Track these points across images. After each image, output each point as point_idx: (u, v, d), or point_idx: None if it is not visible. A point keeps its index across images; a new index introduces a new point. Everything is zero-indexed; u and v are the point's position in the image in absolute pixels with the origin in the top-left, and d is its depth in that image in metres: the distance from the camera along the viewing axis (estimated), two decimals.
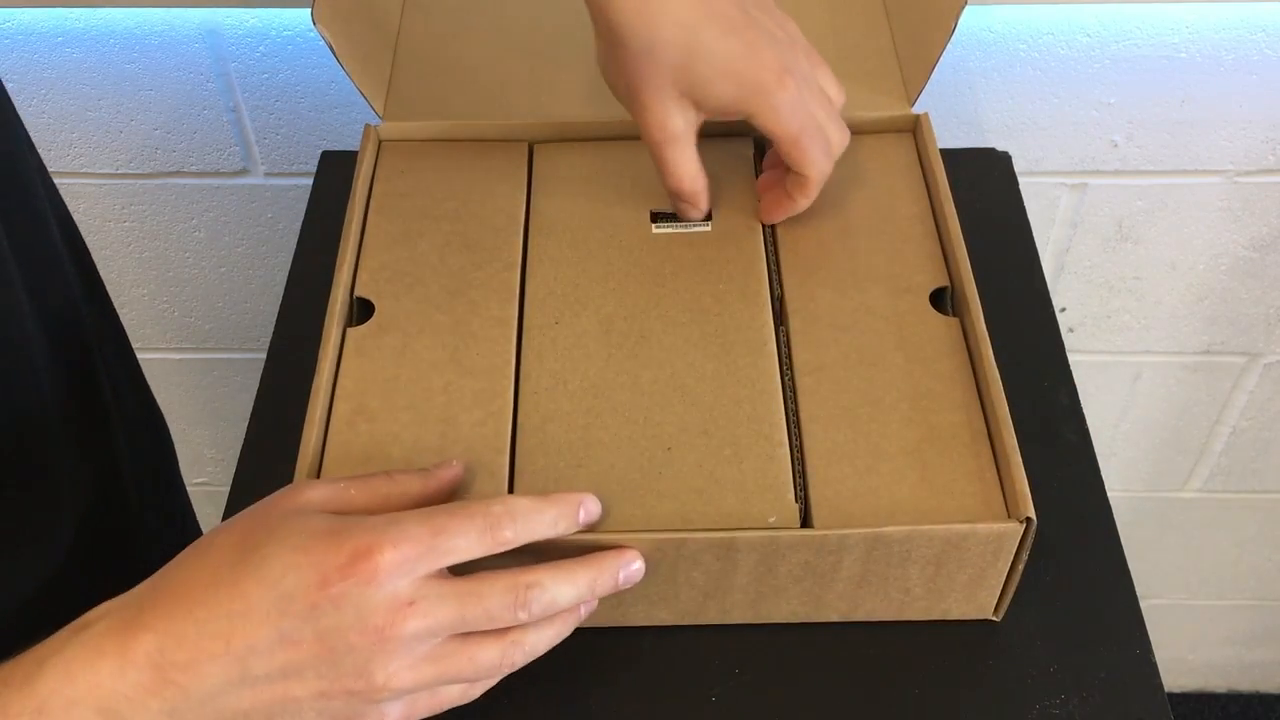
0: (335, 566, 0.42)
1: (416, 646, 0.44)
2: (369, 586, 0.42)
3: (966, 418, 0.55)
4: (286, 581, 0.42)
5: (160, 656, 0.41)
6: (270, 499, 0.46)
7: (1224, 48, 0.84)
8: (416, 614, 0.43)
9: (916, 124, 0.67)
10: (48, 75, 0.88)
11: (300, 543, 0.43)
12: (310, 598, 0.42)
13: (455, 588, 0.45)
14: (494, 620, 0.45)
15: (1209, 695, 1.49)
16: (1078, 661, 0.56)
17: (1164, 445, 1.15)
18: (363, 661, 0.43)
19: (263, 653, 0.42)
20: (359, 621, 0.42)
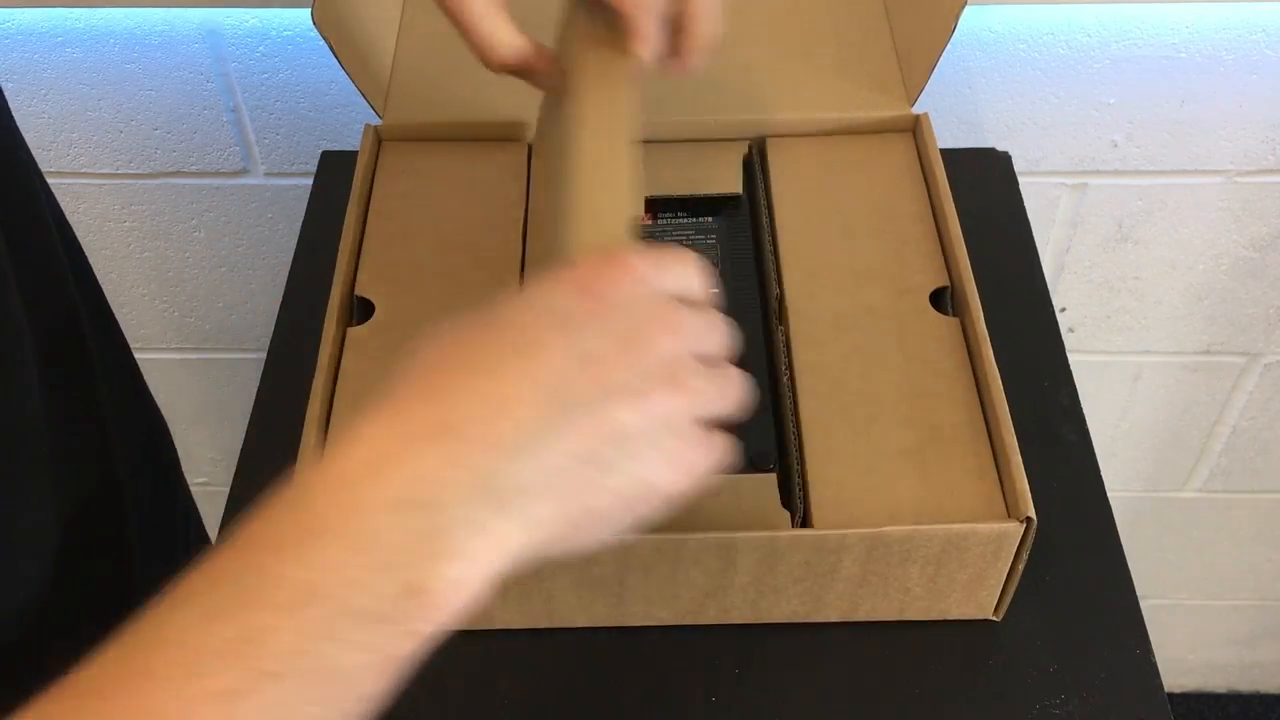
0: (590, 275, 0.38)
1: (706, 353, 0.39)
2: (639, 284, 0.38)
3: (966, 418, 0.55)
4: (555, 304, 0.37)
5: (448, 414, 0.34)
6: None
7: (1224, 48, 0.84)
8: (695, 312, 0.39)
9: (916, 124, 0.67)
10: (48, 75, 0.88)
11: (544, 284, 0.38)
12: (587, 307, 0.37)
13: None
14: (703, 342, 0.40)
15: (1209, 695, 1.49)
16: (1078, 661, 0.56)
17: (1164, 445, 1.15)
18: (669, 360, 0.38)
19: (570, 378, 0.36)
20: (650, 316, 0.38)
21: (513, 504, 0.34)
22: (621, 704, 0.55)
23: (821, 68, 0.69)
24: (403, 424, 0.34)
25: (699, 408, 0.39)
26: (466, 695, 0.55)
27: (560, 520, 0.35)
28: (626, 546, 0.51)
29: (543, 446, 0.35)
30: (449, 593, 0.33)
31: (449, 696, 0.56)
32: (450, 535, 0.33)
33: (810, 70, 0.69)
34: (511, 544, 0.34)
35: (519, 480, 0.34)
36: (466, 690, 0.56)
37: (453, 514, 0.33)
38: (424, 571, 0.33)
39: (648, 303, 0.38)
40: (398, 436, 0.34)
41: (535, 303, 0.37)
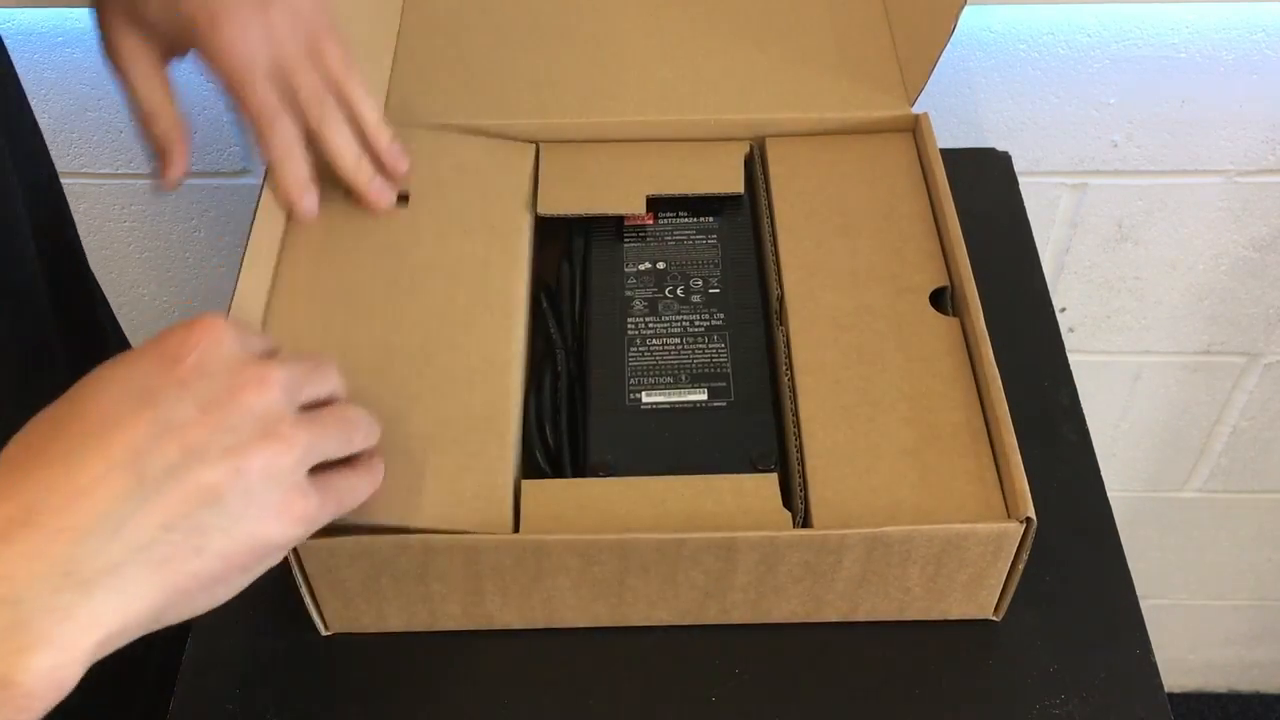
0: (175, 344, 0.38)
1: (294, 399, 0.40)
2: (222, 346, 0.39)
3: (966, 417, 0.55)
4: (136, 378, 0.37)
5: (29, 514, 0.34)
6: None
7: (1224, 48, 0.84)
8: (275, 362, 0.40)
9: (916, 124, 0.67)
10: (48, 75, 0.88)
11: (125, 358, 0.39)
12: (172, 377, 0.38)
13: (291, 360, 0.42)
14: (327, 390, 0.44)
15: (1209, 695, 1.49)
16: (1078, 661, 0.56)
17: (1164, 445, 1.15)
18: (257, 413, 0.38)
19: (152, 451, 0.36)
20: (231, 376, 0.38)
21: (100, 584, 0.34)
22: (621, 704, 0.55)
23: (821, 68, 0.69)
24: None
25: (302, 454, 0.39)
26: (466, 695, 0.55)
27: (163, 589, 0.36)
28: (626, 546, 0.51)
29: (126, 524, 0.35)
30: (39, 682, 0.33)
31: (449, 696, 0.56)
32: (33, 626, 0.33)
33: (810, 70, 0.69)
34: (107, 622, 0.34)
35: (104, 561, 0.34)
36: (466, 690, 0.56)
37: (35, 605, 0.33)
38: (10, 665, 0.33)
39: (231, 362, 0.39)
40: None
41: (116, 380, 0.38)
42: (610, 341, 0.59)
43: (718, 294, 0.60)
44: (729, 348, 0.58)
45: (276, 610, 0.57)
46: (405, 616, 0.56)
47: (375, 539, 0.51)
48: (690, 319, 0.59)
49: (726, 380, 0.57)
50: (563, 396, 0.58)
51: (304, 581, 0.53)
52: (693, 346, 0.58)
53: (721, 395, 0.56)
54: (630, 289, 0.61)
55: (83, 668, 0.34)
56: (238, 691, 0.56)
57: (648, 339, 0.59)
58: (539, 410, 0.57)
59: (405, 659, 0.56)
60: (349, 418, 0.44)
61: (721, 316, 0.59)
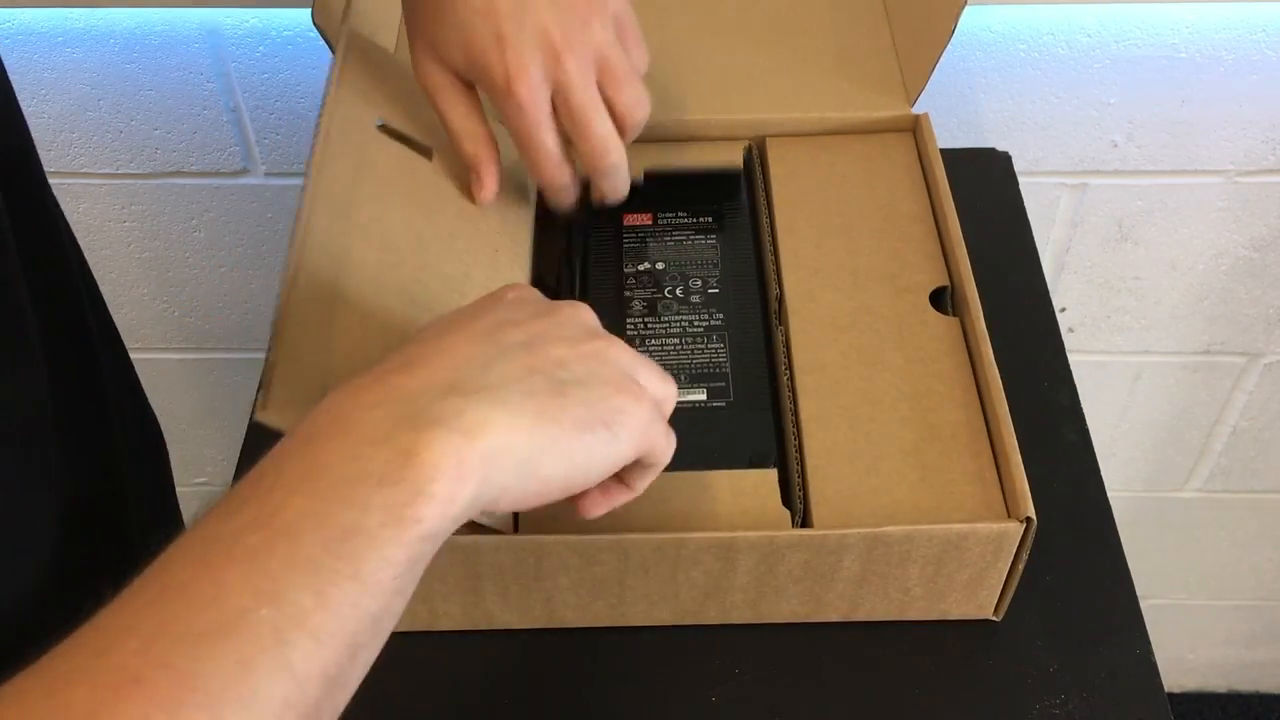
0: (487, 299, 0.44)
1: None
2: (528, 292, 0.45)
3: (966, 417, 0.55)
4: (462, 316, 0.43)
5: (412, 363, 0.39)
6: None
7: (1224, 48, 0.84)
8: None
9: (916, 124, 0.67)
10: (48, 75, 0.88)
11: (442, 319, 0.44)
12: (495, 305, 0.43)
13: None
14: None
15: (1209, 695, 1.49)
16: (1078, 661, 0.56)
17: (1164, 445, 1.15)
18: (579, 323, 0.43)
19: (504, 328, 0.41)
20: (547, 304, 0.44)
21: (481, 397, 0.37)
22: (621, 704, 0.55)
23: (821, 68, 0.69)
24: (371, 375, 0.38)
25: (631, 360, 0.43)
26: (467, 695, 0.55)
27: (537, 415, 0.38)
28: (626, 546, 0.51)
29: (494, 365, 0.39)
30: (444, 459, 0.35)
31: (449, 696, 0.56)
32: (431, 413, 0.36)
33: (810, 70, 0.69)
34: (491, 430, 0.37)
35: (482, 383, 0.38)
36: (467, 690, 0.56)
37: (429, 405, 0.36)
38: (415, 439, 0.35)
39: (542, 300, 0.45)
40: (368, 378, 0.38)
41: (443, 321, 0.42)
42: None
43: (717, 294, 0.60)
44: (728, 348, 0.58)
45: None
46: (405, 617, 0.56)
47: None
48: (689, 319, 0.60)
49: (725, 380, 0.57)
50: None
51: None
52: (692, 347, 0.58)
53: (720, 395, 0.56)
54: (629, 289, 0.61)
55: (475, 480, 0.36)
56: None
57: (647, 339, 0.59)
58: None
59: (405, 659, 0.56)
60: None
61: (720, 317, 0.59)
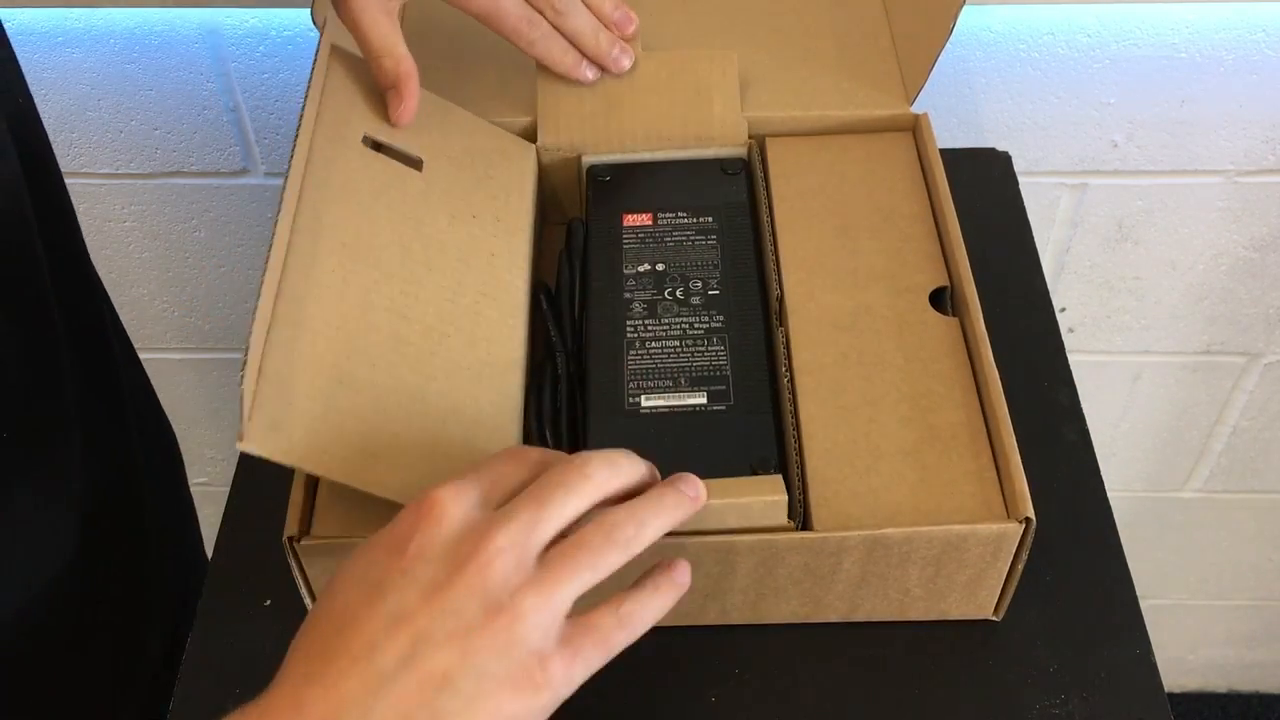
0: (401, 530, 0.41)
1: (523, 558, 0.40)
2: (441, 525, 0.40)
3: (966, 418, 0.55)
4: (370, 571, 0.40)
5: (298, 709, 0.38)
6: None
7: (1224, 48, 0.84)
8: (498, 525, 0.40)
9: (916, 123, 0.67)
10: (48, 75, 0.88)
11: (360, 550, 0.42)
12: (395, 567, 0.40)
13: (527, 495, 0.41)
14: (576, 499, 0.42)
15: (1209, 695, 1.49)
16: (1078, 661, 0.56)
17: (1164, 445, 1.15)
18: (478, 590, 0.39)
19: (382, 642, 0.39)
20: (449, 557, 0.40)
21: None
22: (621, 704, 0.55)
23: (821, 67, 0.69)
24: None
25: (533, 621, 0.40)
26: None
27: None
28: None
29: (374, 710, 0.38)
30: None
31: None
32: None
33: (810, 70, 0.69)
34: None
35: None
36: None
37: None
38: None
39: (450, 543, 0.40)
40: None
41: (353, 574, 0.41)
42: (609, 344, 0.59)
43: (717, 295, 0.60)
44: (728, 350, 0.58)
45: (276, 610, 0.57)
46: None
47: None
48: (690, 321, 0.59)
49: (726, 384, 0.57)
50: (563, 399, 0.58)
51: (304, 582, 0.53)
52: (692, 349, 0.58)
53: (721, 399, 0.56)
54: (629, 290, 0.61)
55: None
56: (238, 691, 0.55)
57: (647, 341, 0.59)
58: (539, 413, 0.57)
59: None
60: (604, 536, 0.42)
61: (721, 319, 0.59)
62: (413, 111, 0.59)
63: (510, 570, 0.40)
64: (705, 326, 0.59)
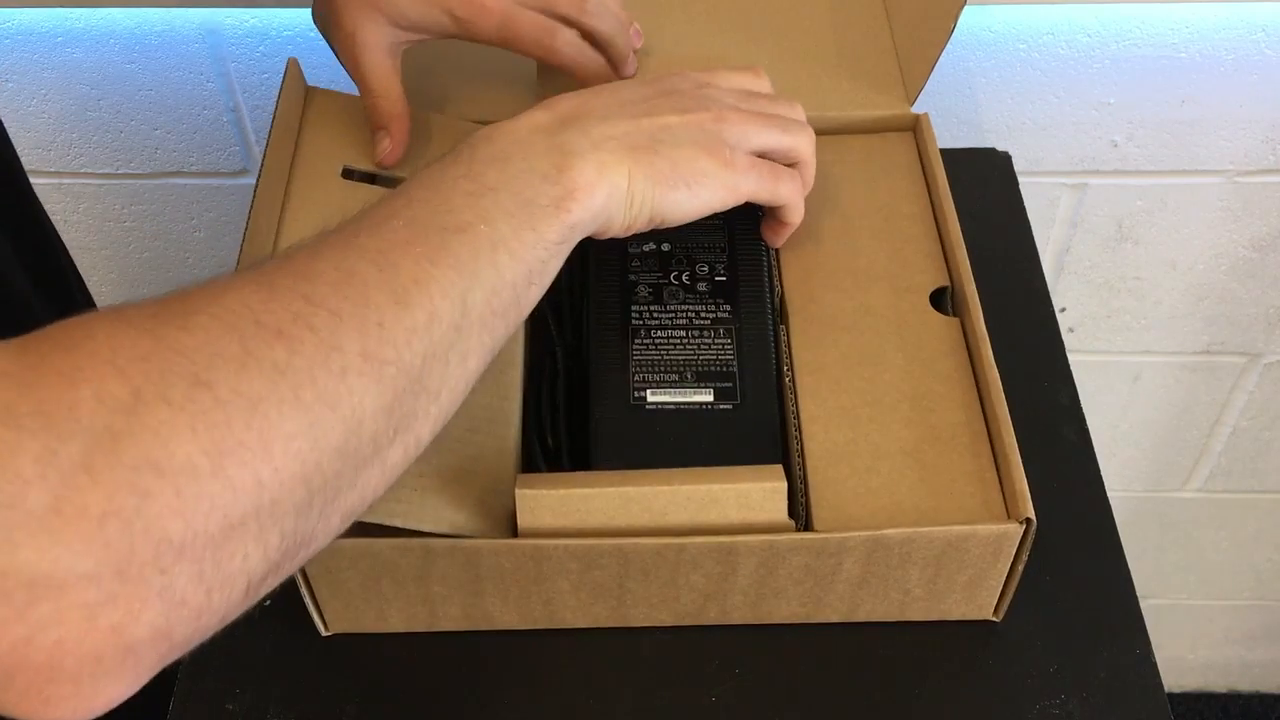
0: (674, 76, 0.55)
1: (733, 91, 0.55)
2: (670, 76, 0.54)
3: (966, 418, 0.55)
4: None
5: (556, 116, 0.50)
6: None
7: (1224, 48, 0.84)
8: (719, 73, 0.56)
9: (916, 123, 0.67)
10: (48, 75, 0.88)
11: None
12: (650, 88, 0.53)
13: None
14: None
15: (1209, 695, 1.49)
16: (1078, 661, 0.56)
17: (1164, 445, 1.15)
18: (691, 85, 0.54)
19: (628, 97, 0.52)
20: (685, 77, 0.54)
21: (602, 144, 0.49)
22: (621, 704, 0.55)
23: (821, 67, 0.69)
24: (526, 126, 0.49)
25: (727, 131, 0.52)
26: (466, 695, 0.55)
27: (636, 163, 0.49)
28: (626, 551, 0.51)
29: (615, 119, 0.50)
30: (581, 176, 0.47)
31: (449, 696, 0.56)
32: (573, 159, 0.47)
33: (810, 70, 0.69)
34: (614, 162, 0.48)
35: (588, 140, 0.49)
36: (466, 690, 0.56)
37: (568, 150, 0.48)
38: (562, 160, 0.47)
39: (696, 89, 0.54)
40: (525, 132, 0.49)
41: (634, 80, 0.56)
42: (614, 332, 0.58)
43: (724, 282, 0.59)
44: (735, 344, 0.57)
45: (276, 610, 0.57)
46: (405, 617, 0.56)
47: (376, 542, 0.51)
48: (697, 309, 0.58)
49: (733, 380, 0.56)
50: (561, 396, 0.58)
51: (304, 582, 0.53)
52: (699, 341, 0.58)
53: (728, 396, 0.56)
54: (634, 271, 0.60)
55: (600, 198, 0.48)
56: (238, 691, 0.56)
57: (652, 330, 0.58)
58: (539, 410, 0.57)
59: (405, 659, 0.56)
60: (783, 117, 0.56)
61: (728, 309, 0.58)
62: (399, 154, 0.61)
63: (729, 101, 0.54)
64: (712, 317, 0.58)
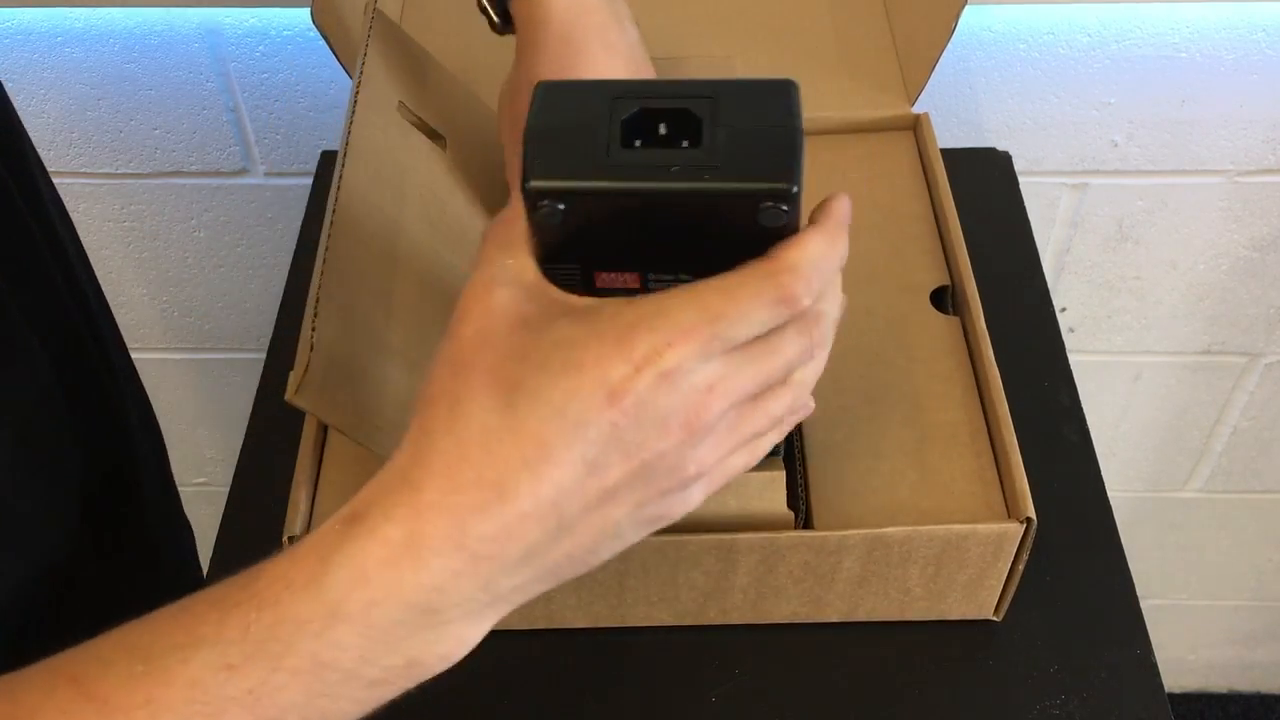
0: (620, 377, 0.37)
1: (720, 425, 0.39)
2: (661, 388, 0.37)
3: (967, 417, 0.55)
4: (572, 409, 0.37)
5: (463, 535, 0.37)
6: (464, 325, 0.39)
7: (1224, 48, 0.84)
8: (718, 397, 0.38)
9: (917, 123, 0.67)
10: (48, 75, 0.88)
11: (565, 360, 0.37)
12: (605, 418, 0.37)
13: (748, 353, 0.38)
14: (791, 366, 0.40)
15: (1209, 695, 1.49)
16: (1078, 661, 0.56)
17: (1164, 445, 1.15)
18: (674, 462, 0.38)
19: (574, 492, 0.37)
20: (663, 426, 0.37)
21: (507, 600, 0.39)
22: (621, 704, 0.55)
23: (821, 67, 0.69)
24: (419, 527, 0.37)
25: (706, 484, 0.40)
26: (467, 695, 0.55)
27: (548, 585, 0.40)
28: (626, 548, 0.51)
29: (540, 556, 0.38)
30: (442, 664, 0.39)
31: (449, 696, 0.55)
32: (450, 628, 0.38)
33: (810, 70, 0.69)
34: (499, 617, 0.39)
35: (516, 583, 0.38)
36: (467, 690, 0.56)
37: (455, 614, 0.38)
38: (425, 653, 0.38)
39: (669, 407, 0.37)
40: (414, 544, 0.37)
41: (554, 403, 0.37)
42: None
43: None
44: None
45: None
46: None
47: None
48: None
49: None
50: None
51: None
52: None
53: None
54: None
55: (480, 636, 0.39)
56: None
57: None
58: None
59: None
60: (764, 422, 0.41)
61: None
62: None
63: (709, 449, 0.39)
64: None
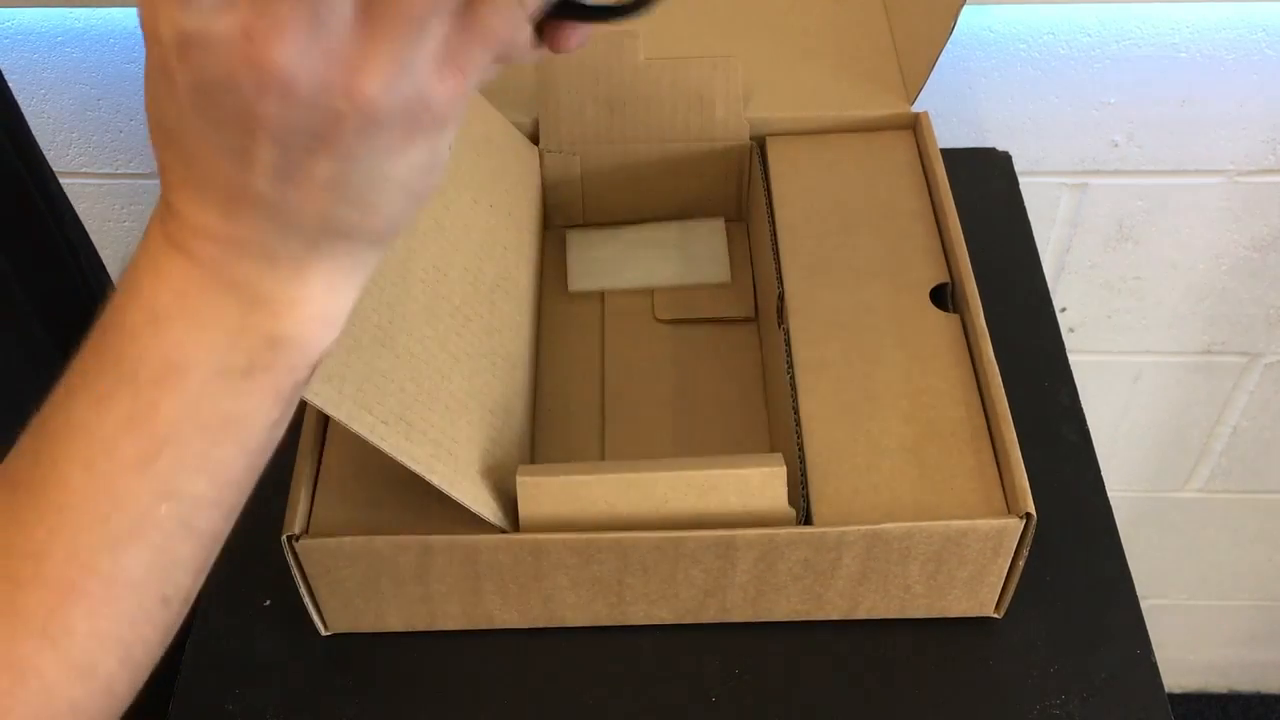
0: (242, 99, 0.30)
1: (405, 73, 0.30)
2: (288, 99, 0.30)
3: (966, 414, 0.55)
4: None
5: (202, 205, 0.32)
6: None
7: (1224, 48, 0.83)
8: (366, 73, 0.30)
9: (916, 122, 0.67)
10: (48, 75, 0.87)
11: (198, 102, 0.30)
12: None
13: None
14: None
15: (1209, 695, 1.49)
16: (1078, 661, 0.56)
17: (1164, 445, 1.15)
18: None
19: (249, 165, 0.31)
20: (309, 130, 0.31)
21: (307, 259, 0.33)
22: (621, 704, 0.55)
23: (821, 67, 0.69)
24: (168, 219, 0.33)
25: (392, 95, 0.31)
26: (466, 695, 0.55)
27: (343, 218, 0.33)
28: (625, 545, 0.51)
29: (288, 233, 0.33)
30: (301, 326, 0.34)
31: (449, 696, 0.55)
32: (274, 294, 0.33)
33: (810, 69, 0.69)
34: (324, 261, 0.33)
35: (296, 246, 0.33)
36: (466, 690, 0.56)
37: (262, 280, 0.33)
38: (281, 322, 0.34)
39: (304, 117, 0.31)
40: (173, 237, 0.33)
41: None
42: None
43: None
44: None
45: (276, 610, 0.57)
46: (405, 616, 0.56)
47: (374, 539, 0.51)
48: None
49: None
50: None
51: (303, 582, 0.53)
52: None
53: None
54: None
55: (343, 307, 0.34)
56: (238, 691, 0.56)
57: None
58: None
59: (405, 659, 0.56)
60: None
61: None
62: None
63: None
64: None
